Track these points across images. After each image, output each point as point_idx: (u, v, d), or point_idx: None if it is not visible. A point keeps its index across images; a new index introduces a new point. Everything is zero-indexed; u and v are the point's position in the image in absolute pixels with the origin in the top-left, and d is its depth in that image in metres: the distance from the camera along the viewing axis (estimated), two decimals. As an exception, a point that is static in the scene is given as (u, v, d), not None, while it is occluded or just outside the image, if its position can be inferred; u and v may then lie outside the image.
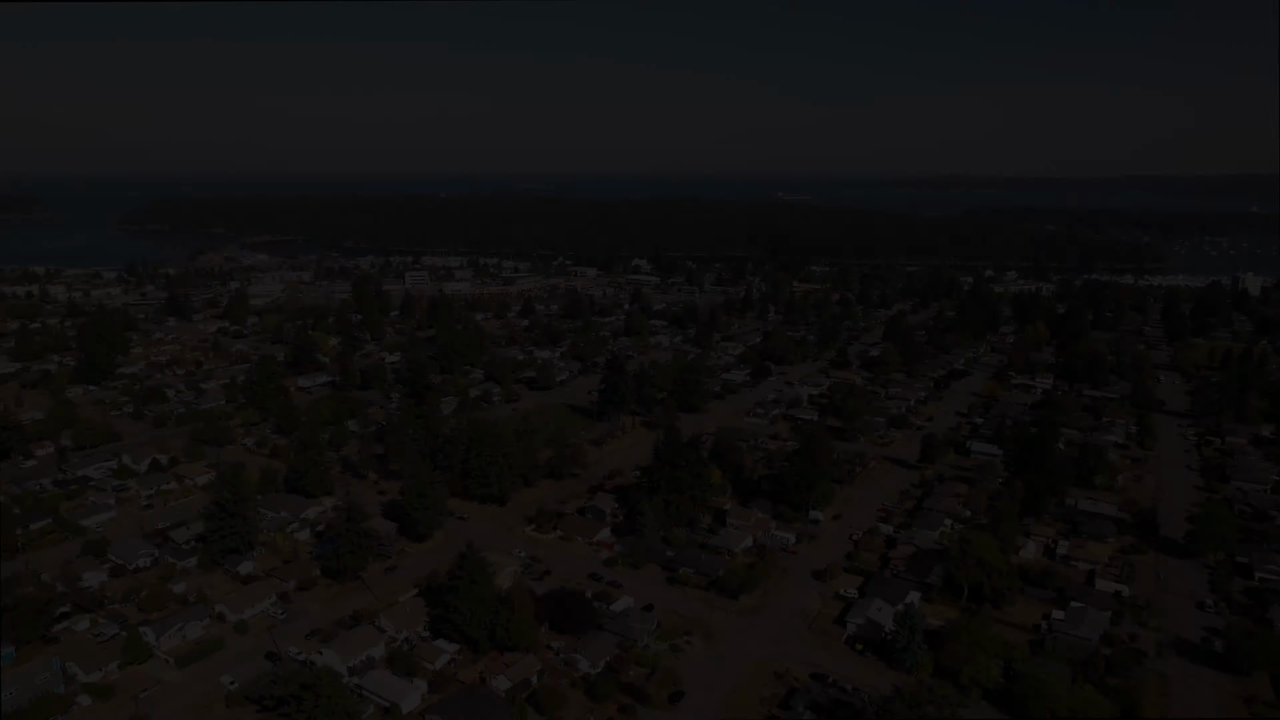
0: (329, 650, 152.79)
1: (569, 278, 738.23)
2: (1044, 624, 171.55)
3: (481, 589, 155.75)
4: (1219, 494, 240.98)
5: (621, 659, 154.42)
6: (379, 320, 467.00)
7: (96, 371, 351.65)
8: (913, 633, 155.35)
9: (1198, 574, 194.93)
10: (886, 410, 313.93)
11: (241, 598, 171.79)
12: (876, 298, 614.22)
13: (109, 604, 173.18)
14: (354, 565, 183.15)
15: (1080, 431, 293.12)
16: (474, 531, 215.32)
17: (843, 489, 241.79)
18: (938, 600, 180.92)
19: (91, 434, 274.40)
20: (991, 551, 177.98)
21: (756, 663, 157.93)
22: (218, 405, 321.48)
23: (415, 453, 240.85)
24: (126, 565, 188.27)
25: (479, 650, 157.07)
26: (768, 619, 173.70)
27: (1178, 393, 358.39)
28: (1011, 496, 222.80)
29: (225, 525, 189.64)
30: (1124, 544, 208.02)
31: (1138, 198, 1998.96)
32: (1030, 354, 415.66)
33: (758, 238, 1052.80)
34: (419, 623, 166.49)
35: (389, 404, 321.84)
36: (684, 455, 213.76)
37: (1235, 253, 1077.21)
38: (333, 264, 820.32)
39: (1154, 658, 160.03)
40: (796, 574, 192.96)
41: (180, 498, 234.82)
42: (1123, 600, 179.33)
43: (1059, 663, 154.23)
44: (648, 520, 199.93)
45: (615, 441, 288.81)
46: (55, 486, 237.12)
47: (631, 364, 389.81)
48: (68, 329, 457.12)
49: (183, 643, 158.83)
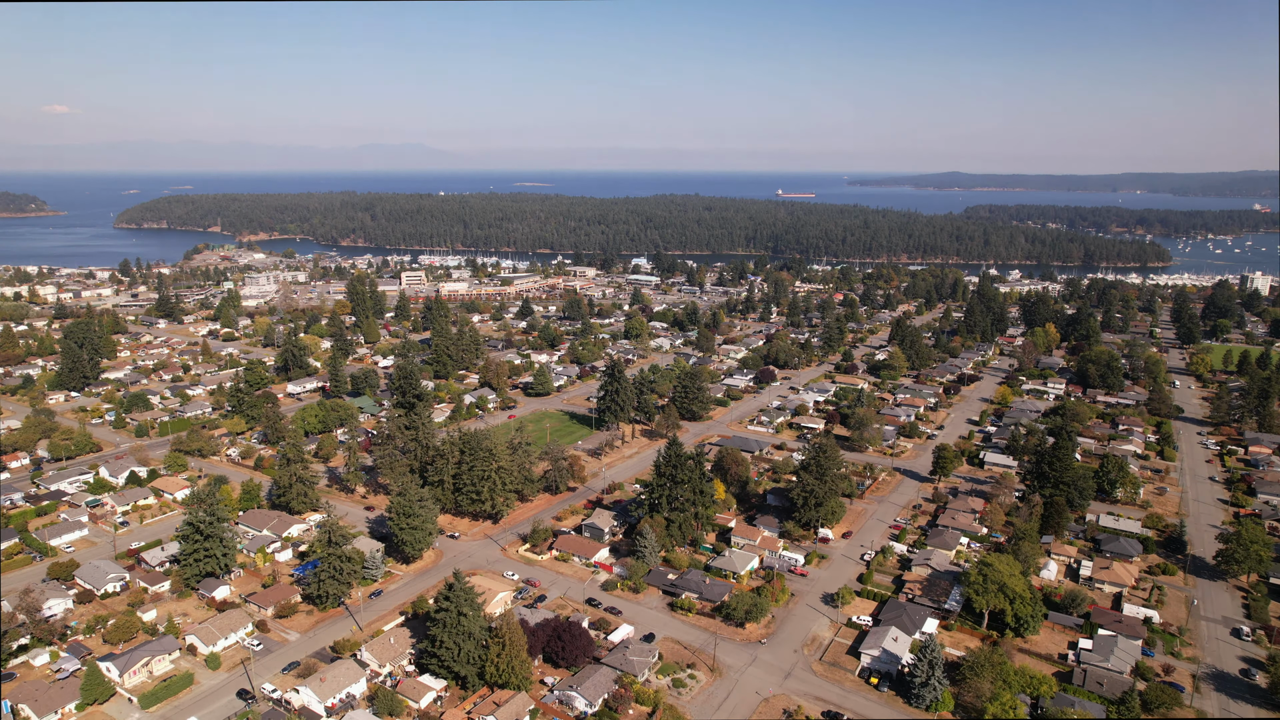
0: (306, 688, 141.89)
1: (568, 277, 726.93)
2: (1071, 654, 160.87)
3: (470, 622, 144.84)
4: (1246, 508, 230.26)
5: (620, 696, 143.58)
6: (373, 323, 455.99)
7: (79, 377, 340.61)
8: (932, 667, 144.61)
9: (1230, 597, 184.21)
10: (895, 418, 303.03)
11: (215, 627, 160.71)
12: (880, 298, 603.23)
13: (72, 635, 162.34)
14: (335, 592, 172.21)
15: (1097, 441, 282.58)
16: (465, 551, 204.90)
17: (852, 503, 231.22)
18: (956, 627, 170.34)
19: (69, 444, 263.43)
20: (1013, 575, 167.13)
21: (765, 699, 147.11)
22: (203, 413, 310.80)
23: (404, 467, 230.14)
24: (95, 590, 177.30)
25: (467, 687, 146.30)
26: (776, 649, 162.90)
27: (1194, 398, 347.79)
28: (1030, 513, 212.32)
29: (200, 547, 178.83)
30: (1150, 564, 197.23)
31: (1139, 196, 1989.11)
32: (1040, 357, 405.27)
33: (759, 237, 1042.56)
34: (404, 655, 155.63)
35: (380, 411, 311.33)
36: (686, 470, 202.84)
37: (1239, 251, 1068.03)
38: (329, 263, 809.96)
39: (1191, 693, 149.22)
40: (806, 597, 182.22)
41: (158, 514, 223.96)
42: (1153, 627, 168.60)
43: (1090, 699, 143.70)
44: (648, 542, 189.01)
45: (614, 452, 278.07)
46: (27, 501, 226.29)
47: (631, 369, 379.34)
48: (55, 332, 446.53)
49: (148, 679, 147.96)
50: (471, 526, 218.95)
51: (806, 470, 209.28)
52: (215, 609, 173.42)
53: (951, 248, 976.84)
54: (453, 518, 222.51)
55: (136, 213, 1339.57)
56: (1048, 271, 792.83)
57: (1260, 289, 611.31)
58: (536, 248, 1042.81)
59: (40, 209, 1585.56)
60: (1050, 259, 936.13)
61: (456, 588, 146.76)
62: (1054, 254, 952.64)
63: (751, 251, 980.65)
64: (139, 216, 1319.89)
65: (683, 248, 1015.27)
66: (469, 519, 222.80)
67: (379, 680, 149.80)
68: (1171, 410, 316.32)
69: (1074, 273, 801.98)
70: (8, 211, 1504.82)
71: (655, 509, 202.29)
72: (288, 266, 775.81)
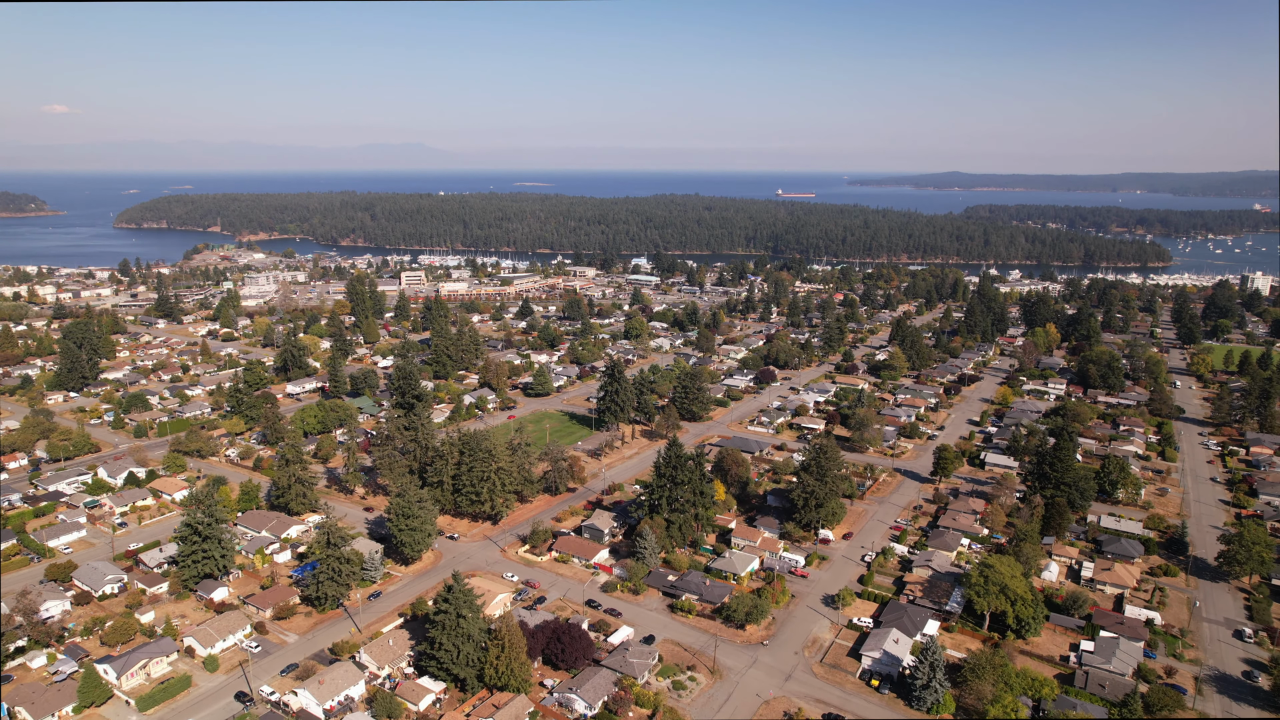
0: (304, 690, 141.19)
1: (568, 278, 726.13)
2: (1072, 656, 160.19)
3: (469, 624, 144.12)
4: (1248, 509, 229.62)
5: (620, 698, 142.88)
6: (373, 323, 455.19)
7: (78, 378, 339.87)
8: (933, 669, 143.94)
9: (1232, 599, 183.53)
10: (896, 418, 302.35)
11: (213, 629, 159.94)
12: (880, 298, 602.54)
13: (69, 636, 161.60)
14: (333, 594, 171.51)
15: (1098, 441, 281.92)
16: (465, 552, 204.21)
17: (852, 504, 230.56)
18: (958, 629, 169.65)
19: (68, 445, 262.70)
20: (1014, 576, 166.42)
21: (765, 702, 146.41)
22: (202, 414, 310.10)
23: (404, 468, 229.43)
24: (92, 592, 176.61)
25: (466, 689, 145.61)
26: (776, 651, 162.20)
27: (1195, 398, 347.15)
28: (1031, 514, 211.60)
29: (198, 549, 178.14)
30: (1152, 565, 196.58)
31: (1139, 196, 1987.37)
32: (1040, 358, 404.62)
33: (759, 237, 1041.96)
34: (403, 657, 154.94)
35: (379, 411, 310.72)
36: (686, 471, 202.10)
37: (1240, 251, 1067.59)
38: (328, 263, 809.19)
39: (1193, 696, 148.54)
40: (806, 599, 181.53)
41: (156, 515, 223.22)
42: (1155, 629, 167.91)
43: (1092, 702, 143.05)
44: (648, 543, 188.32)
45: (614, 453, 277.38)
46: (25, 502, 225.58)
47: (631, 369, 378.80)
48: (54, 332, 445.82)
49: (146, 681, 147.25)
50: (471, 528, 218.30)
51: (807, 471, 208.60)
52: (213, 611, 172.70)
53: (951, 248, 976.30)
54: (452, 519, 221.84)
55: (136, 212, 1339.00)
56: (1048, 271, 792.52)
57: (1261, 289, 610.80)
58: (536, 248, 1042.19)
59: (40, 209, 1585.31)
60: (1050, 259, 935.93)
61: (456, 589, 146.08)
62: (1054, 254, 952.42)
63: (751, 251, 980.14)
64: (139, 216, 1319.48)
65: (683, 248, 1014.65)
66: (468, 520, 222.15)
67: (378, 682, 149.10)
68: (1172, 411, 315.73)
69: (1074, 273, 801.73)
70: (7, 211, 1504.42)
71: (655, 510, 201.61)
72: (287, 266, 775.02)
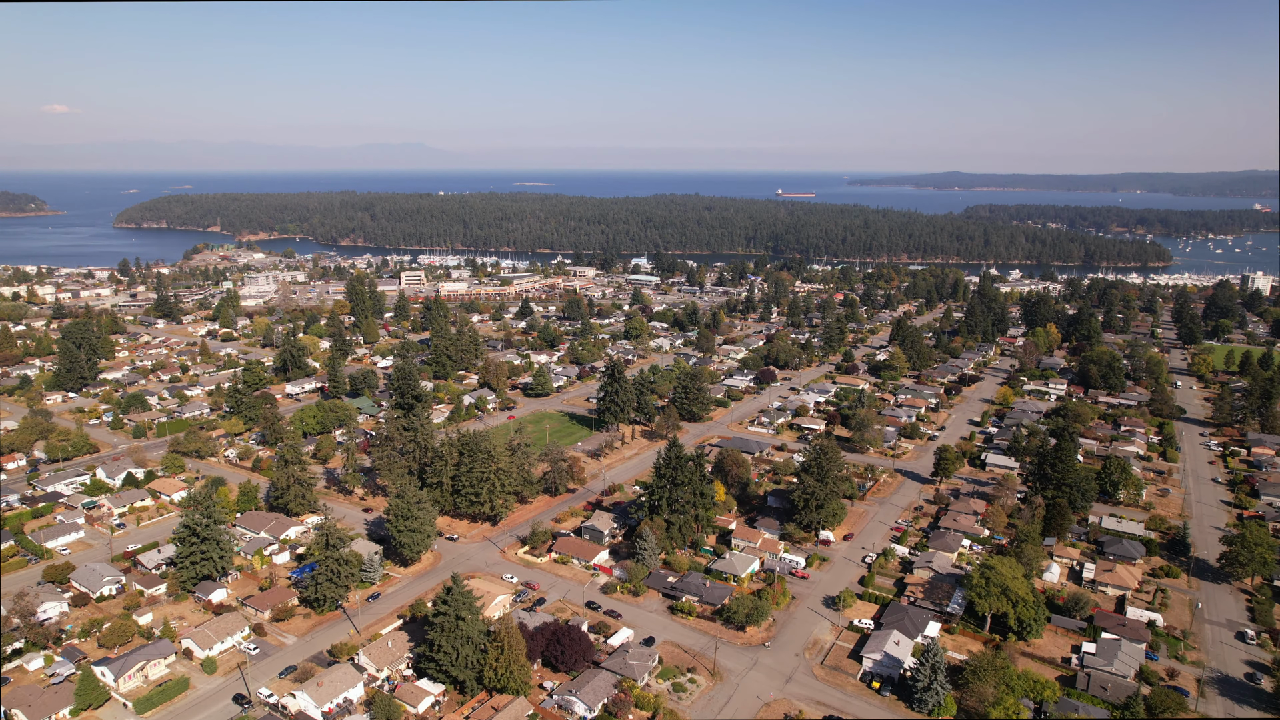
0: (302, 692, 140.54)
1: (568, 277, 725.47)
2: (1074, 657, 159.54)
3: (468, 626, 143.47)
4: (1250, 510, 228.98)
5: (620, 701, 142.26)
6: (372, 323, 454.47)
7: (77, 378, 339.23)
8: (935, 671, 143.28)
9: (1234, 600, 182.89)
10: (896, 419, 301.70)
11: (211, 630, 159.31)
12: (881, 298, 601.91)
13: (67, 638, 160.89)
14: (332, 595, 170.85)
15: (1099, 442, 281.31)
16: (464, 553, 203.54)
17: (853, 505, 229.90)
18: (959, 631, 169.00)
19: (66, 446, 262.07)
20: (1015, 578, 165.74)
21: (766, 704, 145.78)
22: (201, 414, 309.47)
23: (403, 468, 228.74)
24: (90, 593, 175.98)
25: (466, 691, 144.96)
26: (777, 652, 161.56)
27: (1196, 399, 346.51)
28: (1032, 514, 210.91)
29: (197, 550, 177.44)
30: (1154, 566, 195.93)
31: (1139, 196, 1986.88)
32: (1041, 358, 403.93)
33: (759, 237, 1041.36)
34: (402, 659, 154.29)
35: (379, 412, 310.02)
36: (686, 472, 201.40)
37: (1240, 251, 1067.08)
38: (328, 263, 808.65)
39: (1196, 698, 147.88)
40: (807, 600, 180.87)
41: (155, 516, 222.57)
42: (1157, 630, 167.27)
43: (1094, 703, 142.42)
44: (648, 545, 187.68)
45: (614, 453, 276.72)
46: (23, 503, 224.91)
47: (631, 369, 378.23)
48: (53, 332, 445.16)
49: (144, 684, 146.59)
50: (470, 529, 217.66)
51: (807, 472, 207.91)
52: (212, 612, 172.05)
53: (952, 248, 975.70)
54: (451, 520, 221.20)
55: (136, 212, 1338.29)
56: (1048, 271, 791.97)
57: (1261, 289, 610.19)
58: (536, 248, 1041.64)
59: (40, 209, 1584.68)
60: (1050, 259, 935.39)
61: (455, 591, 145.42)
62: (1054, 254, 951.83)
63: (751, 251, 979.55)
64: (138, 216, 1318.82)
65: (683, 248, 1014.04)
66: (468, 521, 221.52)
67: (376, 684, 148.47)
68: (1173, 411, 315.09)
69: (1074, 273, 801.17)
70: (7, 211, 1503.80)
71: (655, 511, 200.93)
72: (287, 266, 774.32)
